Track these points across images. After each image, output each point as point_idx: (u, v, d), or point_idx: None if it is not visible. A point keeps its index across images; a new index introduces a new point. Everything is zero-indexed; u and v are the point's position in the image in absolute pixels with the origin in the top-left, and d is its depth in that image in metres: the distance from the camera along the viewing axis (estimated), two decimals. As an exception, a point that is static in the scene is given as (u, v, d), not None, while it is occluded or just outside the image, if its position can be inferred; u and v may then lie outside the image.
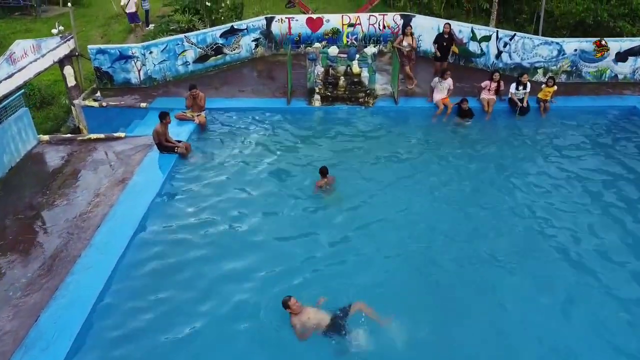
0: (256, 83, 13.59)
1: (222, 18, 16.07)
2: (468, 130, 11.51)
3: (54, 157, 10.18)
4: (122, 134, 10.86)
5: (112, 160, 9.98)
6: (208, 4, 15.77)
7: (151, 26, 18.53)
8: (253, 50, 14.95)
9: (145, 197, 8.74)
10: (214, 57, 14.22)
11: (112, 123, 11.89)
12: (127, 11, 18.29)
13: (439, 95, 11.82)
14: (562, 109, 12.09)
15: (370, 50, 12.17)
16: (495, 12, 17.26)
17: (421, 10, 17.41)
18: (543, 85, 12.05)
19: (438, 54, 12.75)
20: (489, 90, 11.98)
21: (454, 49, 13.15)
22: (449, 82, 11.75)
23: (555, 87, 11.92)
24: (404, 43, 12.57)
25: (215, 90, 13.11)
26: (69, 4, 12.93)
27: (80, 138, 10.88)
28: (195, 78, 13.70)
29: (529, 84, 11.84)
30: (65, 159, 10.10)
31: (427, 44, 14.38)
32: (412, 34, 12.70)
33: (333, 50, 12.23)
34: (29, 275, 7.12)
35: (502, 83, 11.93)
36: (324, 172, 8.99)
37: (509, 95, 11.99)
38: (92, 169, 9.73)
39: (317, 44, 13.09)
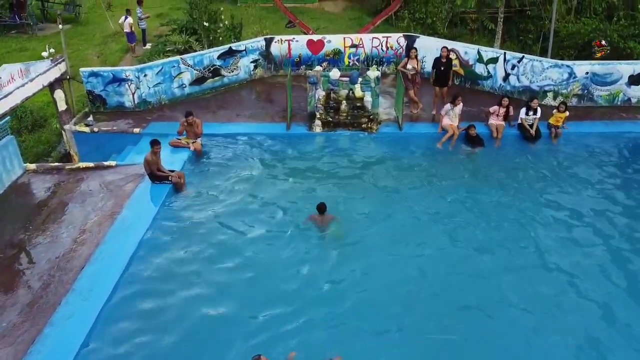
0: (255, 107, 13.07)
1: (221, 38, 15.64)
2: (477, 158, 10.96)
3: (39, 188, 9.64)
4: (113, 163, 10.32)
5: (101, 192, 9.43)
6: (206, 24, 15.36)
7: (148, 45, 18.15)
8: (252, 72, 14.49)
9: (134, 234, 8.18)
10: (211, 80, 13.74)
11: (104, 149, 11.38)
12: (124, 30, 17.91)
13: (450, 121, 11.29)
14: (574, 135, 11.56)
15: (374, 73, 11.64)
16: (500, 32, 16.87)
17: (425, 31, 16.99)
18: (554, 111, 11.53)
19: (432, 78, 12.21)
20: (497, 115, 11.46)
21: (459, 70, 12.67)
22: (460, 107, 11.25)
23: (567, 113, 11.40)
24: (409, 66, 12.09)
25: (212, 114, 12.61)
26: (60, 25, 12.48)
27: (69, 167, 10.35)
28: (192, 101, 13.23)
29: (539, 109, 11.32)
30: (52, 190, 9.56)
31: (431, 65, 13.89)
32: (416, 57, 12.22)
33: (334, 74, 11.69)
34: (4, 326, 6.55)
35: (511, 108, 11.41)
36: (321, 209, 8.49)
37: (519, 121, 11.48)
38: (79, 201, 9.18)
39: (318, 67, 12.60)
